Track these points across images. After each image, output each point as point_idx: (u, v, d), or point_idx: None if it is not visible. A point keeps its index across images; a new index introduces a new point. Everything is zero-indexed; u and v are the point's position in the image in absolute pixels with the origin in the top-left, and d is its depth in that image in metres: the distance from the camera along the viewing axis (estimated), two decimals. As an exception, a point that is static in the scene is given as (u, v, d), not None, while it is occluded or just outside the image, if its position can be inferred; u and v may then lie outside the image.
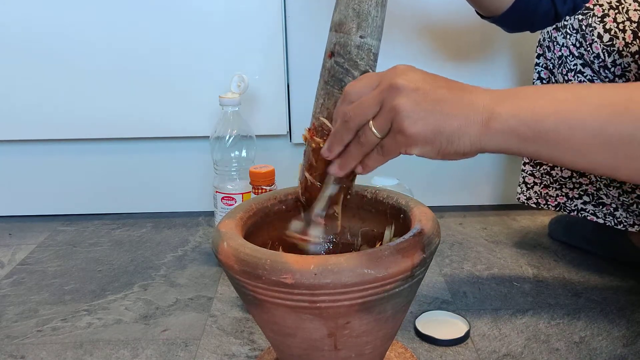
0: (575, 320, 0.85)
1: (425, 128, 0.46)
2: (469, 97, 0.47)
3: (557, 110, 0.45)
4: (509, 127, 0.45)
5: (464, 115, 0.46)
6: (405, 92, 0.47)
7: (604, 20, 0.81)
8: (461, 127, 0.46)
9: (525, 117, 0.45)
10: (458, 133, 0.46)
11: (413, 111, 0.46)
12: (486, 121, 0.46)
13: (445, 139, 0.47)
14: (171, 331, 0.84)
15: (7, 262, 1.09)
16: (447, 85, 0.48)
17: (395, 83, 0.48)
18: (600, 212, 0.95)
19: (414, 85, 0.47)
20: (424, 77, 0.49)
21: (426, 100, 0.47)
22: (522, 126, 0.45)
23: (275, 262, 0.52)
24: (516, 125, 0.45)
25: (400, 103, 0.47)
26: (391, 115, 0.48)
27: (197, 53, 1.16)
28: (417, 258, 0.54)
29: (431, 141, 0.47)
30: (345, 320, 0.54)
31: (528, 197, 1.02)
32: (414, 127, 0.47)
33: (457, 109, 0.47)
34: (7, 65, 1.17)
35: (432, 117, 0.46)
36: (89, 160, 1.26)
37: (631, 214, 0.92)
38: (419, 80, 0.48)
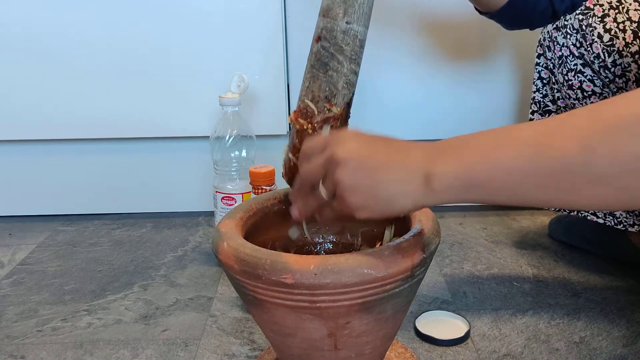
0: (575, 320, 0.85)
1: (364, 197, 0.50)
2: (404, 159, 0.50)
3: (486, 158, 0.47)
4: (446, 185, 0.48)
5: (401, 179, 0.49)
6: (343, 164, 0.50)
7: (604, 20, 0.81)
8: (400, 191, 0.49)
9: (458, 172, 0.47)
10: (397, 196, 0.49)
11: (350, 183, 0.50)
12: (424, 182, 0.48)
13: (383, 203, 0.50)
14: (171, 331, 0.84)
15: (7, 262, 1.09)
16: (384, 150, 0.51)
17: (335, 155, 0.51)
18: (601, 212, 0.95)
19: (350, 156, 0.50)
20: (362, 145, 0.51)
21: (362, 170, 0.50)
22: (458, 181, 0.47)
23: (275, 262, 0.52)
24: (451, 183, 0.48)
25: (339, 176, 0.50)
26: (333, 184, 0.51)
27: (197, 53, 1.16)
28: (417, 258, 0.54)
29: (371, 207, 0.50)
30: (345, 320, 0.54)
31: None
32: (353, 197, 0.50)
33: (393, 175, 0.49)
34: (7, 65, 1.17)
35: (369, 186, 0.50)
36: (89, 160, 1.26)
37: (631, 214, 0.92)
38: (355, 151, 0.51)
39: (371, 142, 0.52)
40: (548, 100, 0.98)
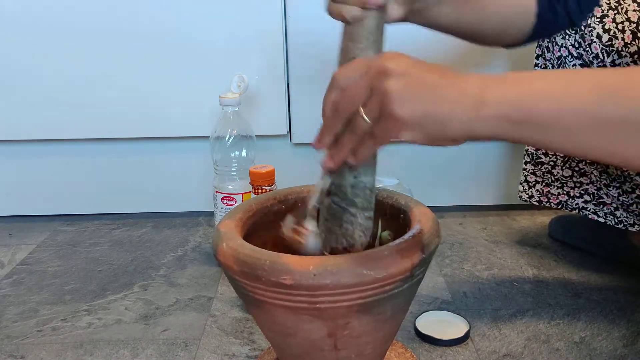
0: (575, 320, 0.85)
1: (414, 111, 0.46)
2: (459, 82, 0.47)
3: (549, 93, 0.44)
4: (500, 111, 0.45)
5: (454, 99, 0.46)
6: (395, 75, 0.46)
7: (603, 21, 0.81)
8: (451, 111, 0.46)
9: (516, 100, 0.44)
10: (448, 117, 0.46)
11: (402, 94, 0.46)
12: (477, 106, 0.45)
13: (434, 122, 0.46)
14: (171, 331, 0.84)
15: (7, 262, 1.09)
16: (438, 70, 0.48)
17: (385, 67, 0.47)
18: (601, 211, 0.95)
19: (403, 69, 0.47)
20: (413, 62, 0.48)
21: (416, 84, 0.46)
22: (513, 110, 0.44)
23: (274, 262, 0.52)
24: (507, 110, 0.45)
25: (389, 86, 0.46)
26: (380, 99, 0.47)
27: (197, 53, 1.16)
28: (417, 258, 0.54)
29: (420, 124, 0.46)
30: (345, 320, 0.54)
31: (530, 195, 1.02)
32: (402, 110, 0.46)
33: (447, 93, 0.46)
34: (7, 65, 1.17)
35: (421, 100, 0.46)
36: (89, 160, 1.26)
37: (631, 214, 0.92)
38: (408, 65, 0.47)
39: (424, 62, 0.48)
40: None
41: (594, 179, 0.94)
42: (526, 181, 1.02)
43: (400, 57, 0.48)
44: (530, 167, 1.00)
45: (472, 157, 1.25)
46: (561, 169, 0.97)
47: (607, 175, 0.91)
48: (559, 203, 0.99)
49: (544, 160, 0.98)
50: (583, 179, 0.95)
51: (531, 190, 1.02)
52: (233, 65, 1.14)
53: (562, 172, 0.97)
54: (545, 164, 0.98)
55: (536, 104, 0.44)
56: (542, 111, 0.44)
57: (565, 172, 0.96)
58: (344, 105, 0.50)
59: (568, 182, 0.97)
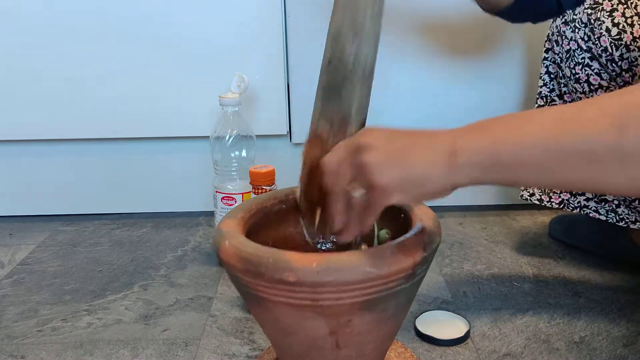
0: (575, 320, 0.85)
1: (393, 178, 0.49)
2: (430, 141, 0.49)
3: (512, 135, 0.46)
4: (471, 161, 0.47)
5: (427, 158, 0.48)
6: (369, 149, 0.49)
7: (612, 15, 0.82)
8: (427, 170, 0.48)
9: (482, 148, 0.46)
10: (426, 176, 0.48)
11: (378, 164, 0.49)
12: (449, 160, 0.47)
13: (413, 184, 0.49)
14: (171, 331, 0.84)
15: (7, 262, 1.08)
16: (409, 135, 0.51)
17: (359, 144, 0.50)
18: (603, 208, 0.95)
19: (375, 141, 0.50)
20: (386, 132, 0.51)
21: (389, 152, 0.49)
22: (482, 157, 0.46)
23: (277, 260, 0.52)
24: (477, 157, 0.47)
25: (365, 159, 0.49)
26: (362, 173, 0.50)
27: (197, 53, 1.16)
28: (419, 256, 0.54)
29: (401, 189, 0.49)
30: (347, 318, 0.54)
31: (531, 194, 1.03)
32: (381, 179, 0.49)
33: (420, 154, 0.49)
34: (7, 65, 1.17)
35: (397, 166, 0.49)
36: (89, 160, 1.26)
37: (633, 211, 0.92)
38: (380, 136, 0.51)
39: (397, 130, 0.52)
40: (555, 95, 0.99)
41: None
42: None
43: (374, 131, 0.52)
44: None
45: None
46: None
47: None
48: (561, 202, 1.00)
49: None
50: None
51: (532, 189, 1.02)
52: (233, 65, 1.14)
53: None
54: None
55: (501, 149, 0.46)
56: (508, 155, 0.46)
57: None
58: (336, 186, 0.54)
59: None
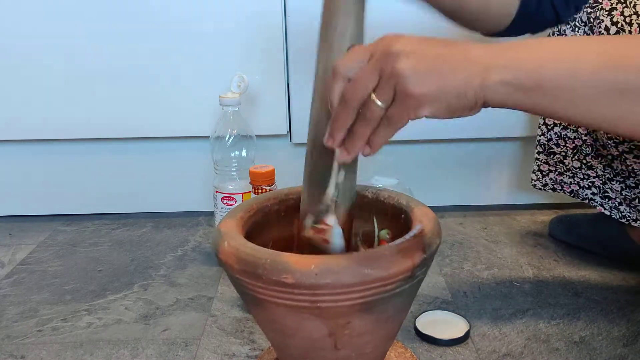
0: (575, 320, 0.85)
1: (431, 86, 0.45)
2: (466, 51, 0.47)
3: (556, 59, 0.44)
4: (508, 77, 0.45)
5: (464, 68, 0.46)
6: (403, 55, 0.46)
7: (611, 14, 0.82)
8: (465, 80, 0.46)
9: (523, 66, 0.44)
10: (463, 87, 0.46)
11: (415, 72, 0.45)
12: (486, 73, 0.45)
13: (451, 94, 0.46)
14: (171, 331, 0.84)
15: (7, 262, 1.08)
16: (443, 43, 0.48)
17: (390, 49, 0.46)
18: (607, 204, 0.96)
19: (409, 47, 0.46)
20: (417, 39, 0.48)
21: (425, 60, 0.46)
22: (521, 75, 0.44)
23: (275, 261, 0.52)
24: (515, 75, 0.44)
25: (400, 67, 0.45)
26: (393, 82, 0.46)
27: (197, 53, 1.16)
28: (418, 258, 0.54)
29: (439, 98, 0.46)
30: (345, 320, 0.54)
31: (544, 184, 1.04)
32: (419, 87, 0.45)
33: (457, 64, 0.46)
34: (7, 65, 1.17)
35: (435, 74, 0.46)
36: (89, 160, 1.26)
37: (634, 209, 0.92)
38: (413, 43, 0.47)
39: (427, 37, 0.48)
40: None
41: (599, 172, 0.94)
42: (539, 170, 1.04)
43: (402, 37, 0.48)
44: (542, 157, 1.02)
45: (472, 157, 1.26)
46: (571, 160, 0.97)
47: (611, 170, 0.92)
48: (572, 192, 1.01)
49: (555, 150, 0.99)
50: (590, 171, 0.96)
51: (545, 178, 1.03)
52: (233, 65, 1.14)
53: (572, 162, 0.98)
54: (557, 154, 0.99)
55: (543, 70, 0.44)
56: (548, 77, 0.44)
57: (575, 164, 0.97)
58: (353, 94, 0.48)
59: (578, 173, 0.98)
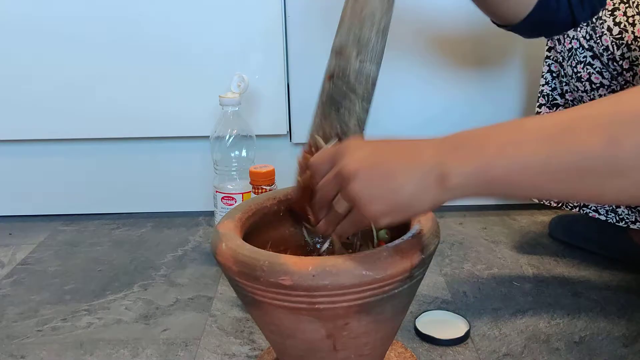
0: (575, 320, 0.85)
1: (382, 205, 0.49)
2: (415, 162, 0.49)
3: (502, 156, 0.45)
4: (461, 183, 0.47)
5: (414, 184, 0.48)
6: (354, 177, 0.49)
7: (614, 14, 0.82)
8: (416, 195, 0.48)
9: (474, 170, 0.46)
10: (414, 198, 0.48)
11: (366, 194, 0.49)
12: (439, 182, 0.47)
13: (403, 207, 0.49)
14: (171, 331, 0.84)
15: (7, 262, 1.09)
16: (394, 153, 0.50)
17: (345, 169, 0.50)
18: (602, 208, 0.95)
19: (360, 166, 0.49)
20: (370, 152, 0.51)
21: (376, 179, 0.49)
22: (474, 179, 0.46)
23: (273, 263, 0.52)
24: (468, 180, 0.46)
25: (352, 190, 0.49)
26: (349, 200, 0.51)
27: (197, 53, 1.16)
28: (416, 259, 0.54)
29: (391, 213, 0.49)
30: (344, 321, 0.54)
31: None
32: (371, 209, 0.49)
33: (406, 180, 0.48)
34: (7, 64, 1.17)
35: (386, 193, 0.49)
36: (89, 160, 1.26)
37: (633, 211, 0.92)
38: (364, 159, 0.50)
39: (378, 148, 0.51)
40: (556, 93, 0.98)
41: None
42: None
43: (357, 150, 0.51)
44: None
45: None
46: None
47: None
48: (560, 201, 1.00)
49: None
50: None
51: None
52: (233, 65, 1.14)
53: None
54: None
55: (492, 171, 0.45)
56: (499, 173, 0.45)
57: None
58: (321, 198, 0.56)
59: None
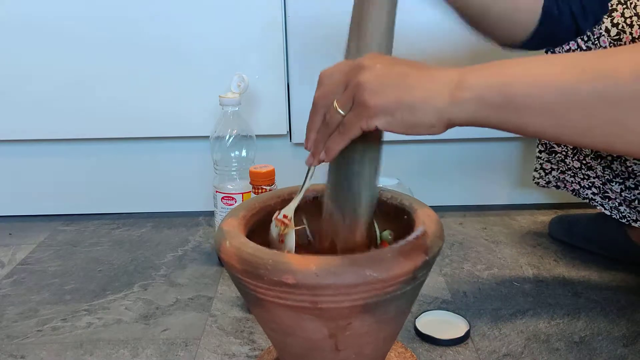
0: (575, 320, 0.85)
1: (387, 98, 0.46)
2: (434, 72, 0.47)
3: (527, 74, 0.44)
4: (477, 94, 0.44)
5: (427, 87, 0.46)
6: (369, 68, 0.47)
7: (611, 15, 0.82)
8: (425, 98, 0.46)
9: (494, 82, 0.44)
10: (421, 103, 0.46)
11: (374, 84, 0.47)
12: (453, 91, 0.45)
13: (407, 109, 0.46)
14: (171, 331, 0.84)
15: (7, 262, 1.08)
16: (413, 64, 0.49)
17: (361, 63, 0.48)
18: (607, 204, 0.96)
19: (378, 63, 0.48)
20: (389, 58, 0.50)
21: (389, 75, 0.47)
22: (491, 92, 0.44)
23: (277, 262, 0.52)
24: (484, 92, 0.44)
25: (362, 78, 0.47)
26: (354, 91, 0.48)
27: (197, 53, 1.16)
28: (420, 260, 0.54)
29: (392, 111, 0.47)
30: (346, 321, 0.54)
31: (548, 181, 1.04)
32: (374, 99, 0.47)
33: (420, 81, 0.47)
34: (8, 65, 1.17)
35: (394, 88, 0.47)
36: (89, 160, 1.26)
37: (634, 210, 0.92)
38: (384, 59, 0.48)
39: (400, 58, 0.50)
40: None
41: (599, 173, 0.94)
42: (542, 168, 1.04)
43: (378, 55, 0.50)
44: (544, 156, 1.02)
45: (472, 157, 1.26)
46: (572, 159, 0.98)
47: (611, 171, 0.92)
48: (574, 190, 1.01)
49: (557, 149, 1.00)
50: (590, 172, 0.96)
51: (548, 176, 1.04)
52: (233, 65, 1.14)
53: (572, 162, 0.98)
54: (559, 153, 1.00)
55: (513, 85, 0.44)
56: (519, 92, 0.43)
57: (575, 164, 0.98)
58: (320, 99, 0.51)
59: (578, 173, 0.98)
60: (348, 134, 0.50)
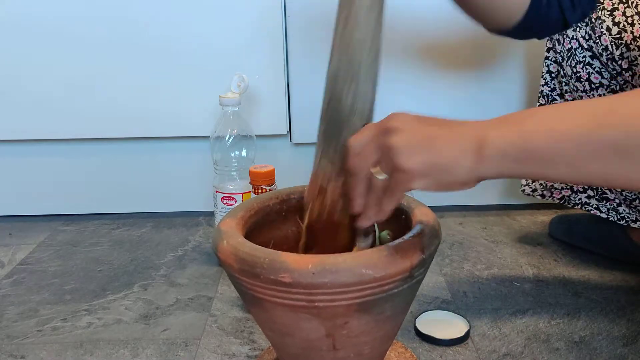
0: (575, 320, 0.85)
1: (420, 162, 0.49)
2: (459, 129, 0.49)
3: (544, 128, 0.46)
4: (500, 151, 0.47)
5: (455, 147, 0.48)
6: (397, 131, 0.49)
7: (613, 14, 0.82)
8: (455, 158, 0.48)
9: (514, 139, 0.46)
10: (453, 164, 0.48)
11: (406, 148, 0.49)
12: (478, 149, 0.47)
13: (440, 170, 0.49)
14: (171, 331, 0.84)
15: (7, 262, 1.09)
16: (438, 123, 0.51)
17: (387, 126, 0.50)
18: (604, 206, 0.95)
19: (404, 125, 0.50)
20: (415, 117, 0.51)
21: (417, 137, 0.49)
22: (513, 148, 0.46)
23: (273, 261, 0.52)
24: (507, 149, 0.46)
25: (393, 142, 0.49)
26: (388, 156, 0.50)
27: (197, 53, 1.16)
28: (416, 259, 0.54)
29: (427, 174, 0.49)
30: (343, 320, 0.54)
31: (533, 189, 1.03)
32: (409, 163, 0.49)
33: (448, 142, 0.49)
34: (7, 65, 1.17)
35: (425, 151, 0.49)
36: (89, 160, 1.26)
37: (634, 210, 0.92)
38: (409, 121, 0.51)
39: (425, 116, 0.52)
40: (556, 94, 0.99)
41: None
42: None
43: (402, 115, 0.52)
44: None
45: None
46: None
47: None
48: (562, 198, 1.00)
49: None
50: None
51: (534, 184, 1.02)
52: (233, 65, 1.14)
53: None
54: None
55: (532, 140, 0.46)
56: (539, 146, 0.46)
57: None
58: (358, 167, 0.54)
59: None
60: (396, 197, 0.53)
